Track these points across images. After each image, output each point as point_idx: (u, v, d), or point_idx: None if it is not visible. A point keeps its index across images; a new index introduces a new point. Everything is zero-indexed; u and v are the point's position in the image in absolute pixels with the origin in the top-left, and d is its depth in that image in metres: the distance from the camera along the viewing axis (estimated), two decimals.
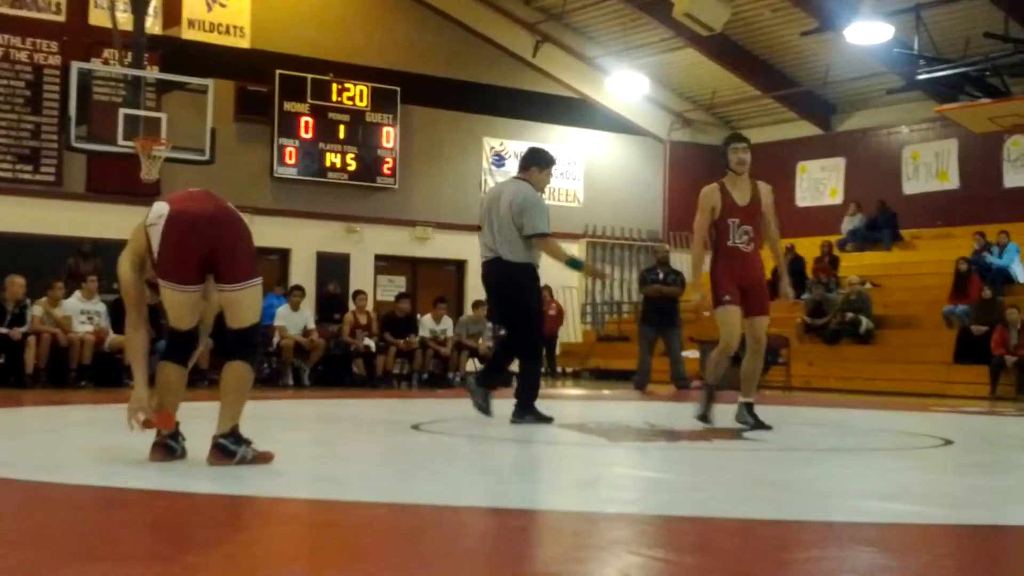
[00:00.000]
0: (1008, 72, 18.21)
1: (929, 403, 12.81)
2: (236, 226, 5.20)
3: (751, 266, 7.69)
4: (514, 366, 8.63)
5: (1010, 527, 4.15)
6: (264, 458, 5.12)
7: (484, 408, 8.31)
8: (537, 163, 8.30)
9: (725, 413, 7.90)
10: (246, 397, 5.17)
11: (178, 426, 5.26)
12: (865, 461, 6.52)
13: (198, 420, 5.40)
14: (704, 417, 7.80)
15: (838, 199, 22.61)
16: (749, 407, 7.62)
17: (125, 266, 5.21)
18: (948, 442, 7.46)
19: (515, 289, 8.12)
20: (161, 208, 5.10)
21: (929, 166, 21.33)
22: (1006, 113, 18.14)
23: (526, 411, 8.12)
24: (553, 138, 22.33)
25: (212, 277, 5.15)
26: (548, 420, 8.07)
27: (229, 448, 5.03)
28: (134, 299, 5.24)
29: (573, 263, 8.55)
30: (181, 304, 5.19)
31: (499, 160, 21.89)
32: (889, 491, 5.06)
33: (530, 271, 8.13)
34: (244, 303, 5.11)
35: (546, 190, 8.42)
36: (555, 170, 8.59)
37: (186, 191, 5.35)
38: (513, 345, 8.49)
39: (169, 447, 5.17)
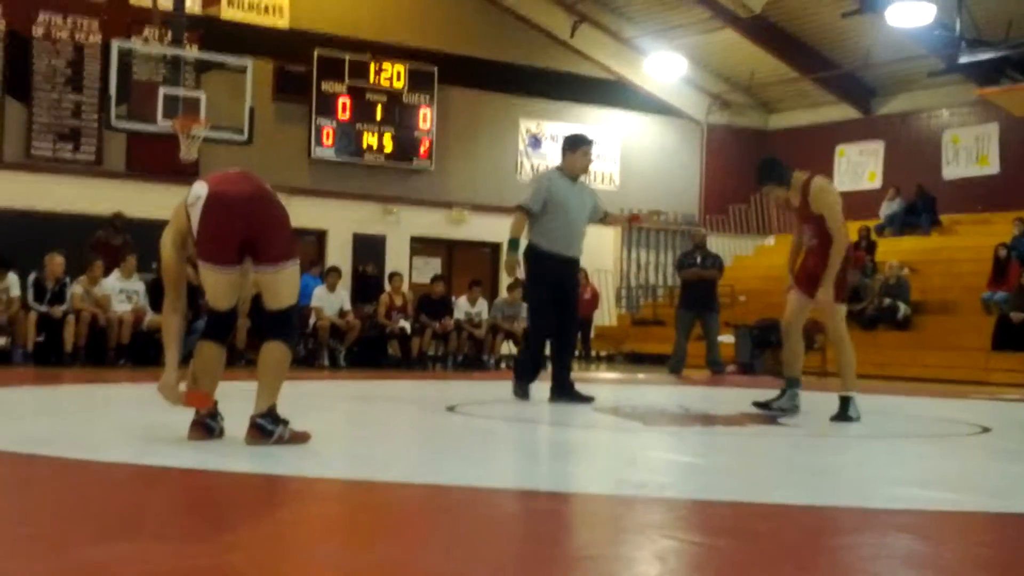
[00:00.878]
0: None
1: (967, 390, 12.71)
2: (273, 207, 5.23)
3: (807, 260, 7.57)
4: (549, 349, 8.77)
5: None
6: (301, 438, 5.16)
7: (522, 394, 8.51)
8: (565, 148, 8.50)
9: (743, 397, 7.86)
10: (283, 377, 5.20)
11: (216, 405, 5.30)
12: (902, 448, 6.48)
13: (236, 400, 5.43)
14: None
15: (877, 183, 22.42)
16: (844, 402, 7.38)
17: (167, 245, 5.24)
18: (986, 430, 7.40)
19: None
20: (200, 189, 5.12)
21: (969, 150, 21.12)
22: None
23: (519, 384, 8.42)
24: (589, 119, 22.28)
25: (250, 258, 5.17)
26: (523, 396, 8.37)
27: (266, 428, 5.07)
28: (174, 278, 5.26)
29: (511, 244, 8.43)
30: (220, 284, 5.20)
31: (535, 142, 21.85)
32: (926, 478, 5.03)
33: (529, 253, 8.31)
34: (282, 284, 5.14)
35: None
36: (592, 152, 8.60)
37: (223, 172, 5.37)
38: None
39: (207, 426, 5.21)
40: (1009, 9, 17.99)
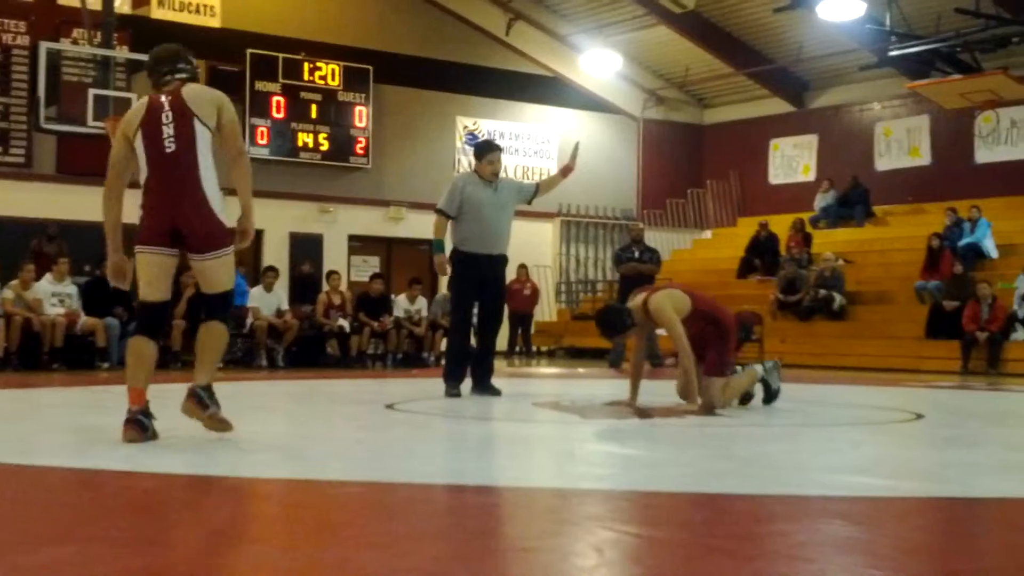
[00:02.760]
0: (979, 48, 18.29)
1: (901, 378, 12.89)
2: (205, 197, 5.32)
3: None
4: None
5: (979, 499, 4.19)
6: (225, 426, 5.27)
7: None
8: (474, 156, 9.01)
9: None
10: (221, 355, 5.44)
11: (148, 404, 5.25)
12: (837, 436, 6.56)
13: (169, 401, 5.38)
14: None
15: (811, 176, 22.67)
16: None
17: (120, 141, 5.45)
18: (919, 416, 7.52)
19: None
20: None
21: (901, 142, 21.43)
22: (977, 89, 18.24)
23: (449, 386, 8.64)
24: (526, 116, 22.32)
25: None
26: (455, 395, 8.50)
27: (204, 399, 5.22)
28: (120, 169, 5.48)
29: (438, 245, 8.75)
30: (151, 266, 5.32)
31: (472, 139, 21.79)
32: (860, 465, 5.09)
33: (452, 254, 8.67)
34: (217, 271, 5.36)
35: (511, 170, 8.80)
36: (528, 149, 8.84)
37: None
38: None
39: (140, 423, 5.17)
40: (938, 3, 18.26)
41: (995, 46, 18.19)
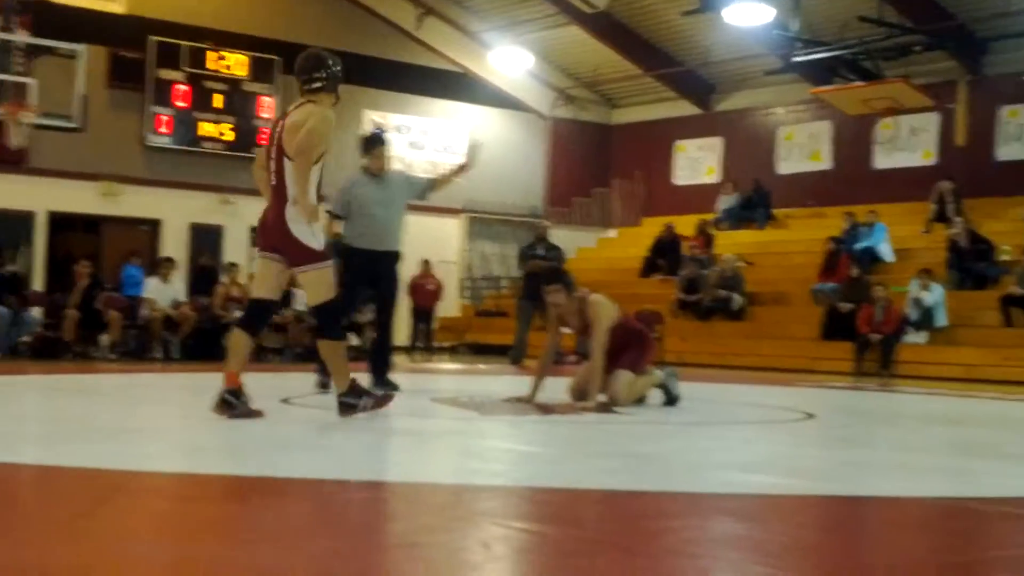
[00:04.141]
0: (881, 56, 18.66)
1: (796, 378, 13.11)
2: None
3: None
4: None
5: (867, 498, 4.26)
6: (384, 401, 6.31)
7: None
8: (361, 150, 8.87)
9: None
10: (342, 361, 6.12)
11: (240, 386, 6.10)
12: (730, 434, 6.63)
13: (61, 392, 5.25)
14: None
15: (715, 178, 22.94)
16: None
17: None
18: (811, 416, 7.64)
19: None
20: None
21: (803, 147, 21.78)
22: (878, 96, 18.60)
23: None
24: (436, 112, 22.24)
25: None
26: (324, 389, 8.28)
27: (350, 402, 6.11)
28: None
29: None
30: (260, 268, 6.21)
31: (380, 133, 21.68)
32: (752, 463, 5.15)
33: (345, 250, 8.58)
34: (309, 284, 6.07)
35: (427, 165, 8.69)
36: (437, 144, 8.81)
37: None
38: None
39: (227, 401, 6.01)
40: (842, 11, 18.58)
41: (897, 54, 18.57)
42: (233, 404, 6.00)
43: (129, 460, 4.61)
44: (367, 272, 8.59)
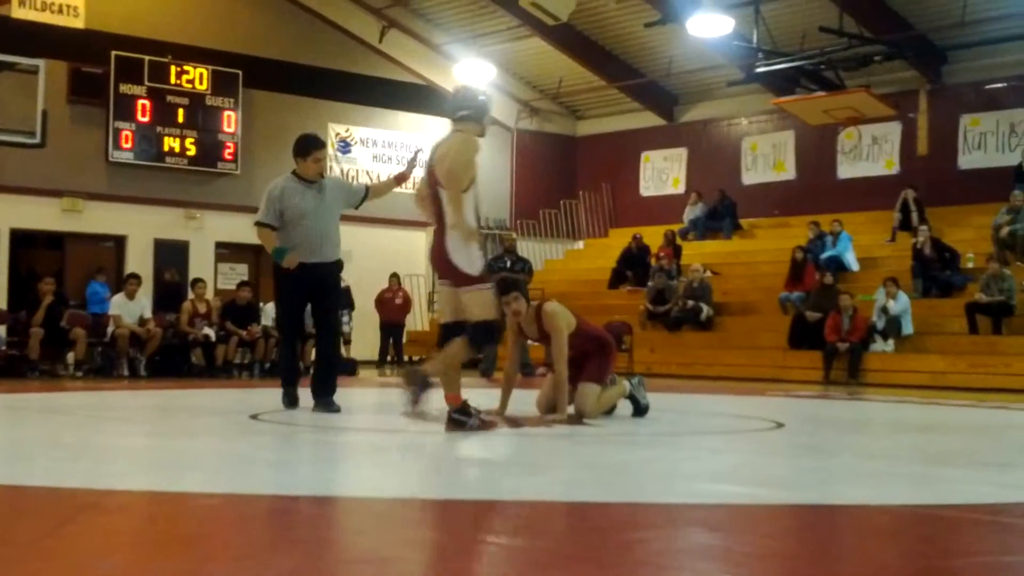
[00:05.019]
0: (842, 66, 18.81)
1: (765, 388, 13.15)
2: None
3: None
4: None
5: (836, 506, 4.27)
6: (490, 425, 6.42)
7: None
8: (295, 153, 8.17)
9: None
10: (451, 367, 6.44)
11: (466, 403, 6.42)
12: (699, 444, 6.64)
13: (25, 411, 5.19)
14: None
15: (680, 189, 23.02)
16: None
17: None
18: (780, 425, 7.66)
19: None
20: None
21: (767, 157, 21.90)
22: (840, 106, 18.75)
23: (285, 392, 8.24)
24: (400, 124, 22.22)
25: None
26: (290, 405, 8.10)
27: (460, 419, 6.31)
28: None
29: (277, 253, 7.97)
30: (440, 295, 6.78)
31: (345, 146, 21.66)
32: (721, 473, 5.16)
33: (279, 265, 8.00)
34: (467, 303, 6.40)
35: (384, 178, 8.42)
36: (401, 157, 8.61)
37: None
38: None
39: (457, 420, 6.37)
40: (803, 22, 18.73)
41: (858, 64, 18.73)
42: (464, 421, 6.38)
43: (95, 479, 4.56)
44: (305, 285, 7.98)
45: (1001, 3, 17.80)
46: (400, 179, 8.63)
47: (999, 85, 19.03)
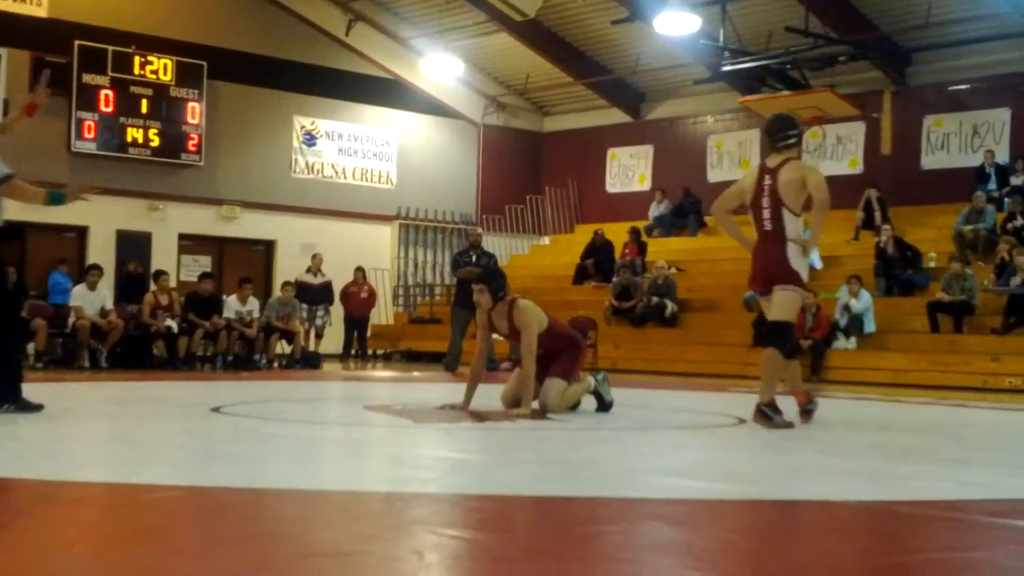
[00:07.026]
0: (807, 65, 18.92)
1: (728, 384, 13.20)
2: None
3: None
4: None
5: (797, 502, 4.30)
6: (788, 426, 6.66)
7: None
8: None
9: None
10: (773, 374, 6.78)
11: (772, 400, 6.73)
12: (662, 440, 6.67)
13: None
14: None
15: (646, 186, 23.08)
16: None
17: (735, 194, 7.39)
18: (742, 421, 7.69)
19: None
20: None
21: (732, 155, 21.99)
22: (805, 105, 18.83)
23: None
24: (366, 118, 22.15)
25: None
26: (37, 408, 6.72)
27: (768, 414, 6.63)
28: (725, 205, 7.60)
29: (55, 198, 7.19)
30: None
31: (310, 139, 21.57)
32: (684, 468, 5.17)
33: None
34: (776, 302, 6.80)
35: (358, 171, 8.27)
36: (367, 151, 8.45)
37: None
38: None
39: (764, 414, 6.68)
40: (769, 21, 18.82)
41: (823, 64, 18.84)
42: (770, 416, 6.67)
43: (53, 470, 4.52)
44: None
45: (965, 6, 17.96)
46: (30, 110, 7.46)
47: (962, 87, 19.19)
